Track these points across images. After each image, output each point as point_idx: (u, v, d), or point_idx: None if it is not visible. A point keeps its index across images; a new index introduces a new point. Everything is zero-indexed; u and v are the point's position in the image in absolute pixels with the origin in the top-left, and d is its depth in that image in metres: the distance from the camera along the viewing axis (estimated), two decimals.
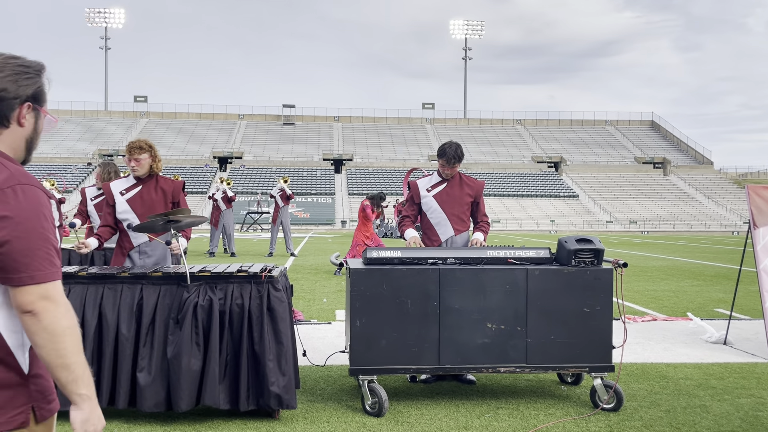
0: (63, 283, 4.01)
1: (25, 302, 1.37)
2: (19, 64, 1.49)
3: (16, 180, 1.38)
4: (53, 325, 1.37)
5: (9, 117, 1.46)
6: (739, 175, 59.67)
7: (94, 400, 1.43)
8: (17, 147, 1.50)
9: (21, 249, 1.36)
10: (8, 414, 1.40)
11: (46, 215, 1.41)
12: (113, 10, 67.57)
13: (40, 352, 1.38)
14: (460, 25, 71.20)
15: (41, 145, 55.92)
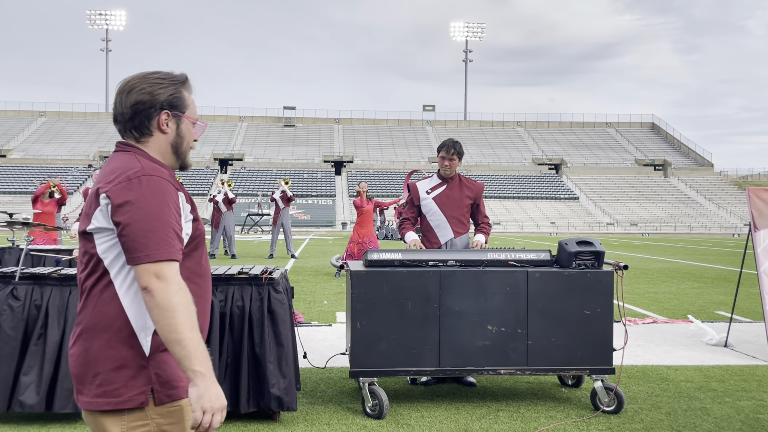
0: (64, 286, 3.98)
1: (141, 280, 1.47)
2: (158, 77, 1.64)
3: (144, 172, 1.52)
4: (165, 302, 1.45)
5: (150, 126, 1.63)
6: (739, 178, 59.65)
7: (210, 377, 1.46)
8: (164, 152, 1.66)
9: (140, 230, 1.47)
10: (129, 393, 1.50)
11: (169, 203, 1.52)
12: (114, 12, 67.65)
13: (157, 327, 1.46)
14: (461, 27, 71.24)
15: (42, 147, 56.00)
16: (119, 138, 1.68)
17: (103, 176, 1.57)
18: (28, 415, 3.78)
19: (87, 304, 1.55)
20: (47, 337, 3.70)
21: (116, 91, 1.66)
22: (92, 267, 1.54)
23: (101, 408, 1.50)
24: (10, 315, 3.69)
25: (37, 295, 3.75)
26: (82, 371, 1.53)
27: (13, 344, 3.68)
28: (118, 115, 1.64)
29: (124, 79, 1.66)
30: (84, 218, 1.56)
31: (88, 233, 1.54)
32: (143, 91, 1.61)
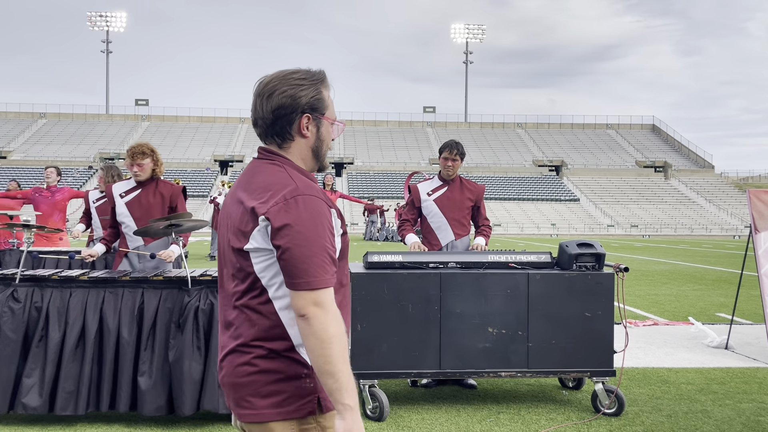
0: (64, 287, 3.99)
1: (299, 306, 1.45)
2: (298, 77, 1.58)
3: (300, 191, 1.48)
4: (321, 332, 1.43)
5: (291, 131, 1.58)
6: (740, 179, 59.64)
7: (357, 411, 1.46)
8: (305, 157, 1.62)
9: (299, 256, 1.45)
10: (297, 402, 1.52)
11: (324, 224, 1.49)
12: (115, 13, 67.72)
13: (310, 355, 1.46)
14: (461, 29, 71.26)
15: (42, 149, 56.03)
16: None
17: (253, 191, 1.53)
18: (29, 416, 3.77)
19: (245, 319, 1.55)
20: (48, 339, 3.70)
21: (254, 93, 1.60)
22: (249, 284, 1.54)
23: (272, 419, 1.52)
24: (10, 317, 3.69)
25: (37, 297, 3.75)
26: (244, 383, 1.53)
27: (14, 346, 3.68)
28: (258, 120, 1.60)
29: (261, 81, 1.60)
30: (237, 234, 1.53)
31: (243, 251, 1.52)
32: (284, 94, 1.56)
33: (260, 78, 1.61)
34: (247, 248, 1.51)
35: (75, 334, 3.71)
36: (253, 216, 1.50)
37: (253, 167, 1.60)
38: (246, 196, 1.53)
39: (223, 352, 1.59)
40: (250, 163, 1.63)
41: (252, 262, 1.52)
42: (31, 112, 64.73)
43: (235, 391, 1.55)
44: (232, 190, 1.63)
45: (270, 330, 1.52)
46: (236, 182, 1.63)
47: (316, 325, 1.44)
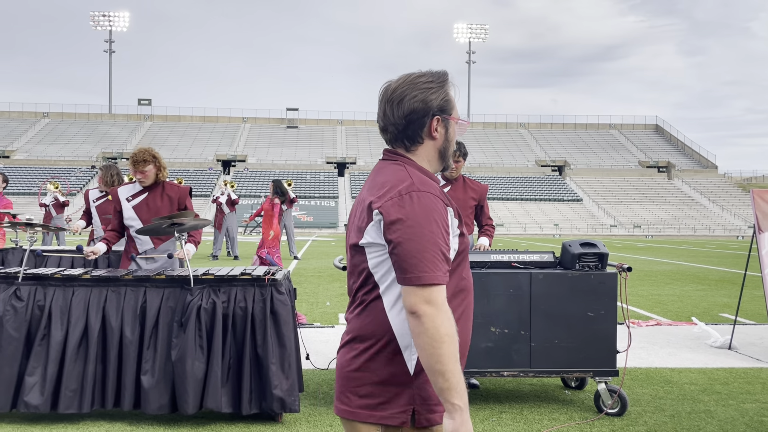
0: (66, 286, 3.99)
1: (410, 303, 1.43)
2: (426, 81, 1.59)
3: (415, 187, 1.49)
4: (433, 330, 1.41)
5: (421, 134, 1.60)
6: (743, 180, 59.51)
7: (467, 412, 1.43)
8: (432, 158, 1.63)
9: (410, 250, 1.44)
10: (392, 410, 1.49)
11: (438, 221, 1.47)
12: (118, 13, 67.84)
13: (422, 355, 1.43)
14: (464, 29, 71.21)
15: (45, 148, 56.14)
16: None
17: (372, 188, 1.56)
18: (32, 415, 3.78)
19: (359, 314, 1.56)
20: (50, 337, 3.70)
21: (382, 99, 1.62)
22: (363, 279, 1.55)
23: (363, 420, 1.51)
24: (13, 315, 3.70)
25: (40, 296, 3.76)
26: (347, 378, 1.55)
27: (17, 345, 3.69)
28: (388, 126, 1.61)
29: (389, 87, 1.61)
30: (355, 231, 1.56)
31: (360, 246, 1.54)
32: (415, 99, 1.57)
33: (385, 84, 1.63)
34: (362, 243, 1.53)
35: (78, 333, 3.72)
36: (368, 211, 1.52)
37: (377, 168, 1.63)
38: (367, 194, 1.57)
39: (340, 344, 1.61)
40: (376, 165, 1.66)
41: (366, 257, 1.53)
42: (34, 111, 64.85)
43: (340, 384, 1.56)
44: (361, 191, 1.66)
45: (378, 327, 1.52)
46: (364, 185, 1.67)
47: (428, 323, 1.41)
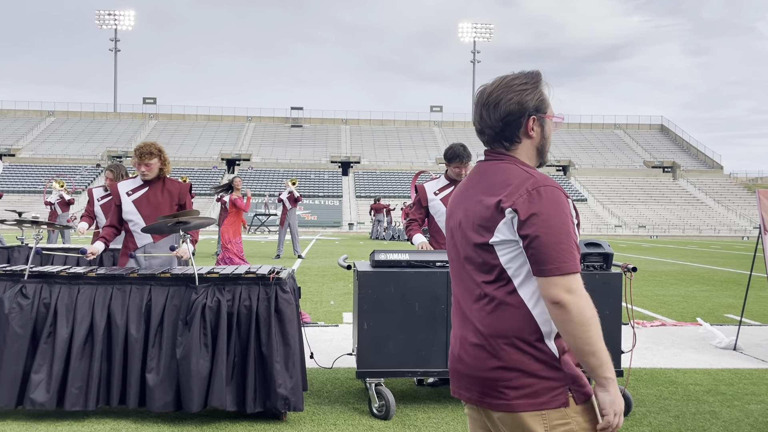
0: (72, 284, 4.01)
1: (552, 294, 1.52)
2: (521, 83, 1.67)
3: (541, 183, 1.57)
4: (579, 316, 1.51)
5: (519, 134, 1.67)
6: (749, 180, 59.27)
7: (616, 381, 1.56)
8: (530, 155, 1.71)
9: (548, 243, 1.53)
10: (549, 394, 1.57)
11: (567, 213, 1.57)
12: (123, 12, 67.99)
13: (571, 340, 1.53)
14: (469, 28, 71.13)
15: (51, 147, 56.31)
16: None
17: (492, 188, 1.62)
18: (38, 412, 3.79)
19: (493, 311, 1.61)
20: (56, 335, 3.71)
21: (478, 103, 1.69)
22: (496, 276, 1.61)
23: (525, 409, 1.56)
24: (19, 313, 3.71)
25: (45, 294, 3.77)
26: (494, 375, 1.59)
27: (23, 342, 3.70)
28: (486, 129, 1.69)
29: (484, 91, 1.69)
30: (477, 231, 1.62)
31: (488, 245, 1.60)
32: (512, 101, 1.64)
33: (480, 88, 1.71)
34: (492, 241, 1.60)
35: (83, 331, 3.73)
36: (497, 210, 1.59)
37: (485, 168, 1.69)
38: (485, 194, 1.63)
39: (464, 344, 1.65)
40: (477, 166, 1.73)
41: (497, 254, 1.60)
42: (40, 110, 65.06)
43: (481, 383, 1.61)
44: (464, 191, 1.72)
45: (519, 320, 1.58)
46: (466, 185, 1.73)
47: (574, 310, 1.51)
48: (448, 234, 1.76)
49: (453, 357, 1.70)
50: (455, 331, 1.71)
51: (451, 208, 1.77)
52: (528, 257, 1.56)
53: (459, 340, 1.67)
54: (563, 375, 1.57)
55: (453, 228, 1.73)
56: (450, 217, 1.76)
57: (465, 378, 1.65)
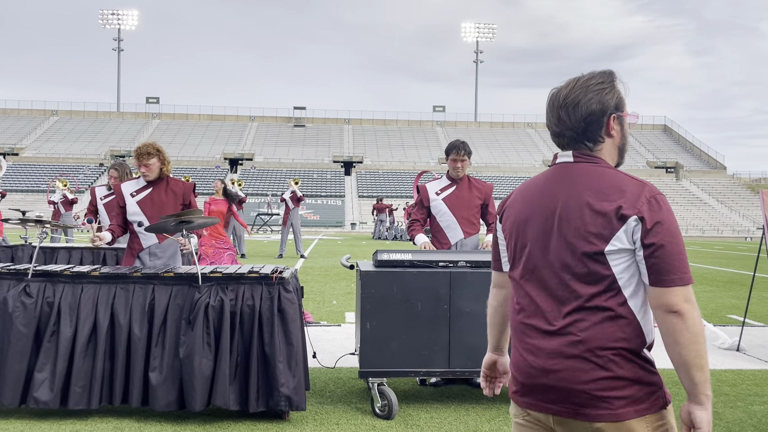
0: (75, 283, 4.00)
1: (671, 303, 1.51)
2: (598, 83, 1.66)
3: (656, 191, 1.56)
4: (694, 327, 1.51)
5: (601, 134, 1.66)
6: (752, 180, 59.14)
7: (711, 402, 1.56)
8: (612, 156, 1.69)
9: (672, 253, 1.52)
10: (650, 398, 1.57)
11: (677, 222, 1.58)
12: (127, 11, 68.10)
13: (681, 351, 1.52)
14: (472, 28, 71.09)
15: (54, 146, 56.42)
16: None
17: (602, 193, 1.57)
18: (41, 410, 3.80)
19: (601, 322, 1.56)
20: (60, 334, 3.72)
21: (554, 106, 1.67)
22: (606, 286, 1.55)
23: (632, 417, 1.55)
24: (22, 312, 3.72)
25: (49, 293, 3.78)
26: (599, 386, 1.55)
27: (26, 341, 3.71)
28: (566, 131, 1.66)
29: (558, 94, 1.67)
30: (590, 238, 1.56)
31: (601, 254, 1.55)
32: (592, 101, 1.63)
33: (553, 91, 1.69)
34: (608, 250, 1.54)
35: (87, 330, 3.74)
36: (616, 217, 1.54)
37: (577, 170, 1.63)
38: (594, 198, 1.56)
39: (553, 356, 1.58)
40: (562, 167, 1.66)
41: (610, 264, 1.55)
42: (43, 109, 65.20)
43: (579, 395, 1.56)
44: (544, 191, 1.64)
45: (629, 331, 1.55)
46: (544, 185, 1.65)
47: (690, 320, 1.50)
48: (520, 238, 1.67)
49: (533, 369, 1.61)
50: (527, 341, 1.63)
51: (521, 208, 1.68)
52: (648, 266, 1.52)
53: (541, 352, 1.60)
54: (659, 379, 1.60)
55: (537, 232, 1.64)
56: (524, 221, 1.66)
57: (554, 390, 1.58)
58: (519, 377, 1.66)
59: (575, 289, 1.57)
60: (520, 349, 1.65)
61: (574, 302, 1.58)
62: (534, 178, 1.74)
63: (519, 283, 1.68)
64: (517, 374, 1.67)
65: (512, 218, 1.71)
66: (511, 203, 1.75)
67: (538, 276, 1.63)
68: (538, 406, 1.63)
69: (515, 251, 1.70)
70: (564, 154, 1.68)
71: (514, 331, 1.70)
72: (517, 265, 1.69)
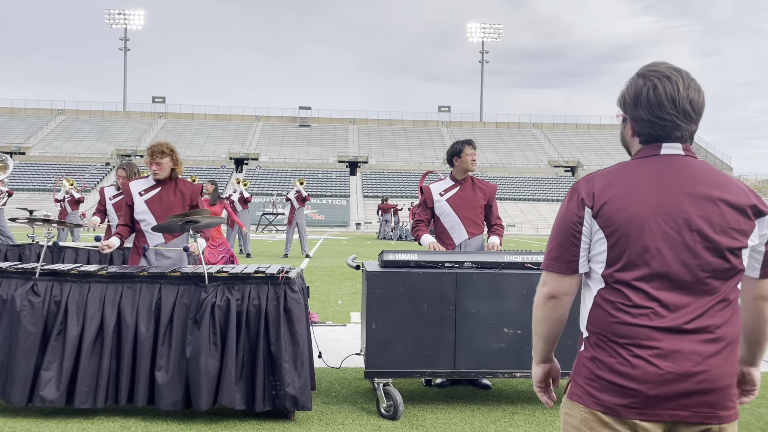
0: (82, 282, 4.00)
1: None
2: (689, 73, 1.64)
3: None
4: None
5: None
6: (759, 182, 58.87)
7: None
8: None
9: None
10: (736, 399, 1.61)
11: None
12: (133, 11, 68.31)
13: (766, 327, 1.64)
14: (477, 28, 71.01)
15: (60, 145, 56.65)
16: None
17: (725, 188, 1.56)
18: (48, 409, 3.82)
19: (731, 316, 1.58)
20: (67, 333, 3.74)
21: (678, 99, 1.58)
22: (735, 281, 1.58)
23: (737, 418, 1.58)
24: (30, 311, 3.74)
25: (56, 291, 3.80)
26: (730, 383, 1.56)
27: (33, 340, 3.73)
28: (690, 125, 1.61)
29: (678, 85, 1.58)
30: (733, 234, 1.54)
31: (740, 249, 1.56)
32: (701, 90, 1.62)
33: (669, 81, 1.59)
34: (749, 244, 1.56)
35: (93, 329, 3.75)
36: (754, 212, 1.56)
37: (698, 165, 1.60)
38: (724, 193, 1.55)
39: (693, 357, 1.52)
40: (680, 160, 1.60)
41: (742, 259, 1.57)
42: (50, 108, 65.48)
43: (716, 396, 1.53)
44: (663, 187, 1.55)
45: (738, 325, 1.60)
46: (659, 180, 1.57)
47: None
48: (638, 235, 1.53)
49: (669, 375, 1.51)
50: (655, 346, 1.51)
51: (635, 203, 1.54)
52: (765, 260, 1.59)
53: (677, 355, 1.51)
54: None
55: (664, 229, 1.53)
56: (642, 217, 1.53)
57: (692, 395, 1.51)
58: (641, 388, 1.51)
59: (713, 286, 1.54)
60: (645, 356, 1.51)
61: (709, 298, 1.54)
62: (628, 169, 1.61)
63: (632, 284, 1.54)
64: (637, 385, 1.52)
65: (623, 214, 1.53)
66: (615, 197, 1.56)
67: (667, 275, 1.53)
68: (660, 415, 1.52)
69: (628, 250, 1.54)
70: (671, 146, 1.60)
71: (624, 338, 1.53)
72: (633, 266, 1.54)
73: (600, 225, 1.56)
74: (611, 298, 1.56)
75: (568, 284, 1.62)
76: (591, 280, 1.62)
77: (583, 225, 1.58)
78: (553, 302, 1.65)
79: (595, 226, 1.57)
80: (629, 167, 1.61)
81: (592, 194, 1.58)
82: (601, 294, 1.58)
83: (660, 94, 1.58)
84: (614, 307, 1.56)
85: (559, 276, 1.62)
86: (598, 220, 1.57)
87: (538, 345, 1.75)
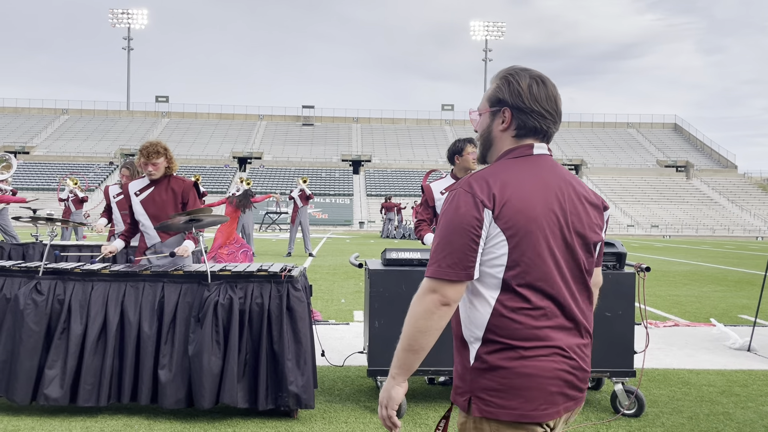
0: (86, 280, 4.00)
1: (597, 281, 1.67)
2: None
3: None
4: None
5: None
6: (763, 180, 58.65)
7: None
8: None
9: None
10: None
11: None
12: (137, 10, 68.40)
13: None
14: (480, 26, 70.90)
15: (64, 145, 56.78)
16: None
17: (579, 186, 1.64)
18: (51, 407, 3.83)
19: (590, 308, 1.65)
20: (70, 331, 3.75)
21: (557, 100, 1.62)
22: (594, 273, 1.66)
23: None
24: (33, 309, 3.75)
25: (60, 290, 3.81)
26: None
27: (37, 338, 3.74)
28: (557, 125, 1.65)
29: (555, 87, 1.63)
30: (595, 229, 1.63)
31: (599, 243, 1.64)
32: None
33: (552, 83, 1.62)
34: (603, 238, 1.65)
35: (97, 327, 3.76)
36: (603, 208, 1.66)
37: (557, 164, 1.64)
38: (584, 191, 1.62)
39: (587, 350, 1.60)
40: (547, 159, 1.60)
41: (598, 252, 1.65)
42: (54, 108, 65.63)
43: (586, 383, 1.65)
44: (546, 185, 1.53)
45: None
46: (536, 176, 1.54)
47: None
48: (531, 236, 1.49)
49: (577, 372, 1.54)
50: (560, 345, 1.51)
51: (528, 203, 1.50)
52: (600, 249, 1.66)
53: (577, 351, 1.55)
54: None
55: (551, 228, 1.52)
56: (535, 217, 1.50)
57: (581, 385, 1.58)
58: (554, 387, 1.50)
59: (587, 281, 1.61)
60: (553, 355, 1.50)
61: (586, 294, 1.61)
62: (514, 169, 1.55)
63: (534, 285, 1.50)
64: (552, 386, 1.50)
65: (521, 216, 1.48)
66: (512, 198, 1.49)
67: (560, 274, 1.52)
68: (568, 407, 1.55)
69: (528, 251, 1.49)
70: (540, 146, 1.60)
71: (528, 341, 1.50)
72: (533, 267, 1.49)
73: (501, 227, 1.48)
74: (513, 304, 1.49)
75: (461, 291, 1.52)
76: (483, 285, 1.52)
77: (482, 228, 1.48)
78: (444, 311, 1.54)
79: (494, 229, 1.48)
80: (514, 166, 1.55)
81: (492, 195, 1.48)
82: (501, 300, 1.50)
83: (550, 90, 1.59)
84: (517, 312, 1.49)
85: (455, 283, 1.50)
86: (498, 222, 1.48)
87: (411, 360, 1.61)
